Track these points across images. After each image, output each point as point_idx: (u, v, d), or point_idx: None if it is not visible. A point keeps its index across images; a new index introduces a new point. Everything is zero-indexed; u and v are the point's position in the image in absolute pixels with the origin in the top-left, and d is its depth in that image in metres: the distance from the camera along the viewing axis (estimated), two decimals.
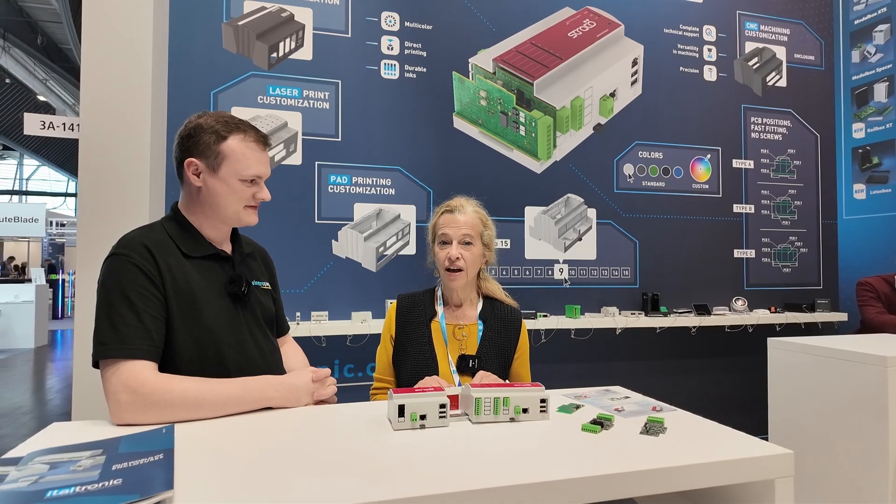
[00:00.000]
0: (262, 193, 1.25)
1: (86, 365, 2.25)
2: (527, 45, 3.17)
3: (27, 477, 0.70)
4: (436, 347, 1.47)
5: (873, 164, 3.75)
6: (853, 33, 3.88)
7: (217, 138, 1.19)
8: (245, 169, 1.20)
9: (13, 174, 20.80)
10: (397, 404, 0.96)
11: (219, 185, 1.19)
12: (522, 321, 1.58)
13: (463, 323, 1.52)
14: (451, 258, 1.46)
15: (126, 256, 1.10)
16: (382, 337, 1.56)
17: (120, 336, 1.03)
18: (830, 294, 3.64)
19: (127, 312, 1.05)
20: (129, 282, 1.08)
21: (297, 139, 2.80)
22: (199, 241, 1.22)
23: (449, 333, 1.50)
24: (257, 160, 1.22)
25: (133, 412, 0.99)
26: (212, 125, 1.20)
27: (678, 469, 0.81)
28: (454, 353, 1.47)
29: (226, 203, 1.21)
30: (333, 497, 0.68)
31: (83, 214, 2.30)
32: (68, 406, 5.07)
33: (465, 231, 1.47)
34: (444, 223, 1.50)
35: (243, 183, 1.20)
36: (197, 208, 1.23)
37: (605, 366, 3.22)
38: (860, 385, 1.76)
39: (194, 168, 1.19)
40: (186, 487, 0.70)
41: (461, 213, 1.50)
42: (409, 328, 1.51)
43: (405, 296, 1.57)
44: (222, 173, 1.19)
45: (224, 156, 1.18)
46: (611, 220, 3.29)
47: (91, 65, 2.34)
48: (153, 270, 1.11)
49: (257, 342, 1.26)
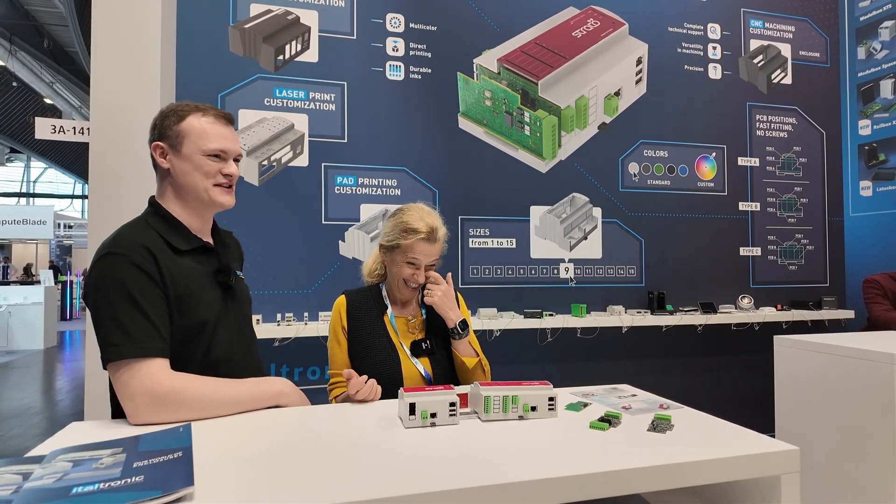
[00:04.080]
0: (229, 168, 1.24)
1: (97, 366, 2.28)
2: (531, 45, 3.18)
3: (52, 474, 0.72)
4: (392, 339, 1.56)
5: (880, 160, 3.74)
6: (859, 30, 3.87)
7: (177, 119, 1.21)
8: (206, 143, 1.20)
9: (21, 177, 20.94)
10: (409, 402, 0.98)
11: (184, 164, 1.20)
12: (458, 294, 1.66)
13: (410, 316, 1.62)
14: (417, 280, 1.54)
15: (124, 256, 1.07)
16: (333, 332, 1.58)
17: (130, 336, 1.03)
18: (837, 291, 3.63)
19: (134, 312, 1.04)
20: (132, 281, 1.06)
21: (304, 141, 2.82)
22: (185, 234, 1.21)
23: (400, 326, 1.59)
24: (218, 134, 1.22)
25: (151, 412, 1.01)
26: (172, 109, 1.23)
27: (685, 465, 0.82)
28: (406, 342, 1.56)
29: (194, 181, 1.20)
30: (350, 493, 0.69)
31: (94, 217, 2.33)
32: (78, 406, 5.12)
33: (434, 258, 1.55)
34: (419, 250, 1.49)
35: (208, 158, 1.21)
36: (172, 196, 1.23)
37: (611, 364, 3.23)
38: (867, 383, 1.76)
39: (160, 151, 1.22)
40: (206, 484, 0.72)
41: (436, 241, 1.52)
42: (362, 322, 1.57)
43: (352, 291, 1.64)
44: (185, 150, 1.20)
45: (184, 133, 1.20)
46: (616, 219, 3.30)
47: (100, 69, 2.38)
48: (154, 270, 1.09)
49: (242, 335, 1.28)
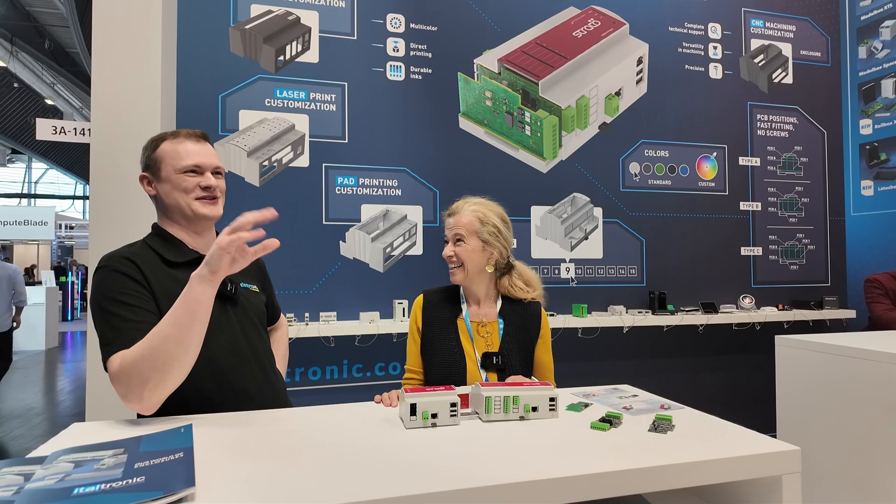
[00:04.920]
0: (207, 180, 1.27)
1: (99, 366, 2.29)
2: (532, 45, 3.18)
3: (53, 475, 0.72)
4: (463, 344, 1.53)
5: (881, 160, 3.73)
6: (860, 29, 3.86)
7: (152, 148, 1.30)
8: (179, 161, 1.26)
9: (22, 178, 20.97)
10: (409, 403, 0.98)
11: (165, 186, 1.27)
12: (542, 311, 1.64)
13: (485, 320, 1.57)
14: (447, 256, 1.57)
15: (109, 267, 1.17)
16: (410, 330, 1.61)
17: (119, 333, 1.09)
18: (838, 291, 3.63)
19: (122, 312, 1.12)
20: (117, 286, 1.15)
21: (305, 141, 2.82)
22: (180, 248, 1.27)
23: (473, 330, 1.55)
24: (189, 151, 1.27)
25: (131, 391, 1.03)
26: (150, 141, 1.31)
27: (686, 465, 0.82)
28: (480, 350, 1.53)
29: (176, 198, 1.26)
30: (351, 494, 0.69)
31: (95, 218, 2.34)
32: (80, 407, 5.13)
33: (456, 231, 1.56)
34: (446, 226, 1.61)
35: (185, 175, 1.26)
36: (166, 218, 1.31)
37: (612, 364, 3.23)
38: (869, 382, 1.76)
39: (146, 181, 1.30)
40: (207, 484, 0.72)
41: (457, 214, 1.59)
42: (435, 323, 1.56)
43: (431, 291, 1.64)
44: (164, 173, 1.27)
45: (160, 158, 1.28)
46: (617, 219, 3.30)
47: (101, 70, 2.38)
48: (138, 275, 1.18)
49: (250, 341, 1.29)
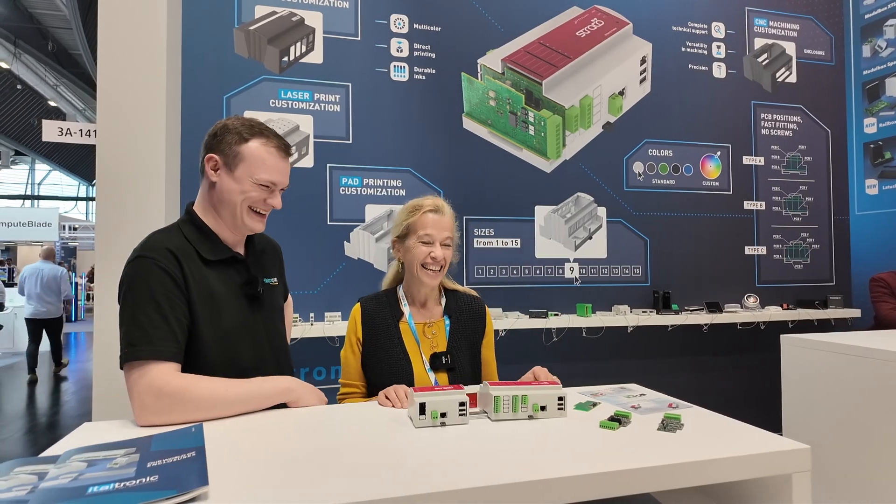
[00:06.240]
0: (274, 200, 1.25)
1: (105, 367, 2.30)
2: (535, 45, 3.18)
3: (67, 474, 0.73)
4: (408, 348, 1.47)
5: (885, 158, 3.72)
6: (864, 28, 3.86)
7: (239, 139, 1.21)
8: (261, 172, 1.21)
9: (25, 179, 21.03)
10: (419, 402, 0.98)
11: (232, 184, 1.21)
12: (486, 309, 1.60)
13: (431, 320, 1.52)
14: (435, 258, 1.46)
15: (153, 259, 1.11)
16: (348, 340, 1.51)
17: (149, 338, 1.05)
18: (843, 290, 3.62)
19: (155, 315, 1.07)
20: (157, 284, 1.09)
21: (309, 142, 2.83)
22: (216, 244, 1.23)
23: (419, 332, 1.49)
24: (274, 167, 1.23)
25: (157, 414, 1.01)
26: (237, 127, 1.23)
27: (696, 464, 0.82)
28: (426, 352, 1.47)
29: (234, 200, 1.21)
30: (361, 492, 0.70)
31: (101, 219, 2.34)
32: (84, 408, 5.15)
33: (447, 234, 1.49)
34: (429, 223, 1.47)
35: (257, 186, 1.21)
36: (210, 207, 1.24)
37: (616, 364, 3.22)
38: (874, 381, 1.76)
39: (213, 163, 1.22)
40: (220, 483, 0.72)
41: (442, 214, 1.50)
42: (377, 331, 1.48)
43: (367, 298, 1.55)
44: (238, 173, 1.21)
45: (242, 157, 1.21)
46: (621, 219, 3.29)
47: (106, 71, 2.38)
48: (178, 274, 1.13)
49: (271, 340, 1.30)
